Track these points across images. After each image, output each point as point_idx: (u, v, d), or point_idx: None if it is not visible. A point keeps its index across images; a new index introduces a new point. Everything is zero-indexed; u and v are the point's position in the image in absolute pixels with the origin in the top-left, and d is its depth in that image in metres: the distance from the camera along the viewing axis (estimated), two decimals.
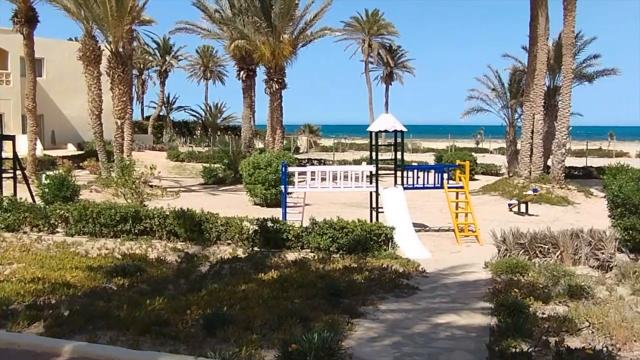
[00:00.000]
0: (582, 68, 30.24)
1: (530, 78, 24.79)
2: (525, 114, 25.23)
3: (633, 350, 6.22)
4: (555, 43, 28.87)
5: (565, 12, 23.35)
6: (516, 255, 11.05)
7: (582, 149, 45.95)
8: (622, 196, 12.16)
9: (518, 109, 30.25)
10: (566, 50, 23.61)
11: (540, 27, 24.09)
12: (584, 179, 28.11)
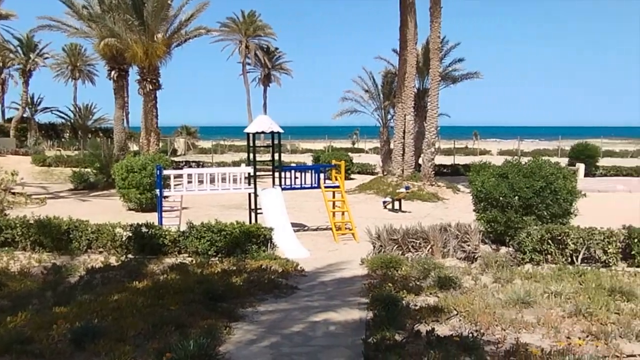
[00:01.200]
0: (448, 71, 32.03)
1: (401, 80, 25.88)
2: (397, 115, 26.29)
3: (495, 334, 6.65)
4: (424, 47, 30.35)
5: (432, 18, 24.68)
6: (390, 250, 11.49)
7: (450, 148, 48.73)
8: (484, 191, 13.02)
9: (391, 110, 31.42)
10: (433, 54, 24.95)
11: (409, 32, 25.22)
12: (452, 176, 29.84)
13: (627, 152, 47.46)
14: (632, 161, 39.49)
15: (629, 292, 8.19)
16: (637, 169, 32.33)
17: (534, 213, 12.51)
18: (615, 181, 28.41)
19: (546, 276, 9.49)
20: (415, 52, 26.12)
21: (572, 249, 10.80)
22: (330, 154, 35.14)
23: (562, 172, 13.32)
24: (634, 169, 32.19)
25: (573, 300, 7.93)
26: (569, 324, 6.97)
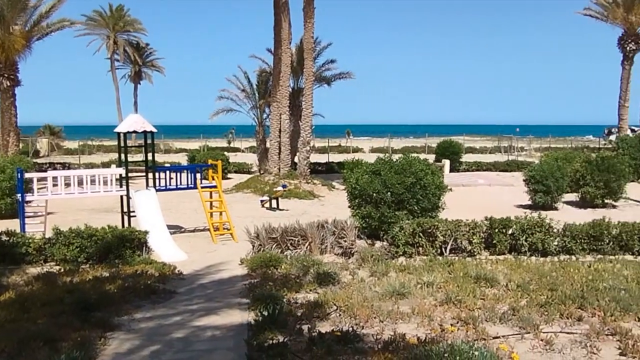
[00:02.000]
0: (322, 71, 32.61)
1: (276, 80, 25.99)
2: (273, 114, 26.37)
3: (374, 326, 6.89)
4: (298, 47, 30.67)
5: (306, 18, 25.02)
6: (270, 249, 11.50)
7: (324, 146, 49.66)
8: (358, 188, 13.42)
9: (266, 109, 31.40)
10: (307, 54, 25.31)
11: (284, 31, 25.36)
12: (327, 174, 30.46)
13: (486, 149, 50.95)
14: (490, 157, 42.49)
15: (492, 279, 8.83)
16: (495, 164, 34.84)
17: (406, 208, 13.09)
18: (477, 176, 30.45)
19: (419, 268, 9.97)
20: (289, 51, 26.34)
21: (441, 240, 11.43)
22: (206, 153, 34.51)
23: (431, 168, 14.06)
24: (492, 164, 34.66)
25: (444, 289, 8.40)
26: (441, 312, 7.38)
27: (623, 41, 38.03)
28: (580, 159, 21.22)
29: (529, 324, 6.65)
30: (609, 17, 38.73)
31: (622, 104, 38.15)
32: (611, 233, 11.62)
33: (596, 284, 8.43)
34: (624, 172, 19.63)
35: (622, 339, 6.10)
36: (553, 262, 10.63)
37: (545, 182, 18.60)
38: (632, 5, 36.98)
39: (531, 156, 42.06)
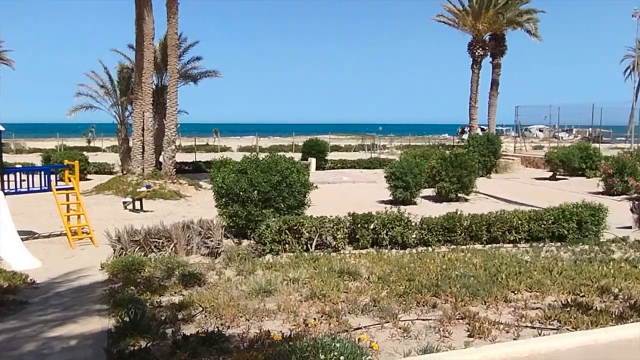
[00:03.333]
0: (187, 69, 31.93)
1: (139, 76, 25.06)
2: (136, 112, 25.41)
3: (240, 325, 6.87)
4: (162, 44, 29.78)
5: (169, 14, 24.34)
6: (132, 252, 11.08)
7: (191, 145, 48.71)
8: (225, 187, 13.32)
9: (129, 106, 30.20)
10: (171, 51, 24.64)
11: (146, 26, 24.50)
12: (194, 173, 29.91)
13: (351, 147, 52.71)
14: (355, 155, 44.02)
15: (355, 272, 9.15)
16: (359, 161, 36.16)
17: (273, 206, 13.20)
18: (342, 173, 31.41)
19: (285, 264, 10.09)
20: (152, 47, 25.49)
21: (307, 237, 11.64)
22: (62, 153, 32.47)
23: (296, 166, 14.28)
24: (357, 162, 35.94)
25: (309, 284, 8.56)
26: (307, 307, 7.52)
27: (472, 47, 40.90)
28: (436, 156, 22.60)
29: (389, 314, 6.97)
30: (459, 24, 41.52)
31: (473, 105, 41.05)
32: (463, 225, 12.49)
33: (449, 273, 9.02)
34: (474, 168, 21.20)
35: (470, 322, 6.58)
36: (412, 253, 11.21)
37: (404, 178, 19.60)
38: (479, 14, 39.89)
39: (393, 154, 44.11)
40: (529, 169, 34.69)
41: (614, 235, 13.03)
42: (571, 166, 28.43)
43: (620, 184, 21.62)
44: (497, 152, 31.76)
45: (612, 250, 11.48)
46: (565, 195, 19.77)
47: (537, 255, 11.00)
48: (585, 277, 8.70)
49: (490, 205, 18.68)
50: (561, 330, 6.43)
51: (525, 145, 44.07)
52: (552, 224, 12.69)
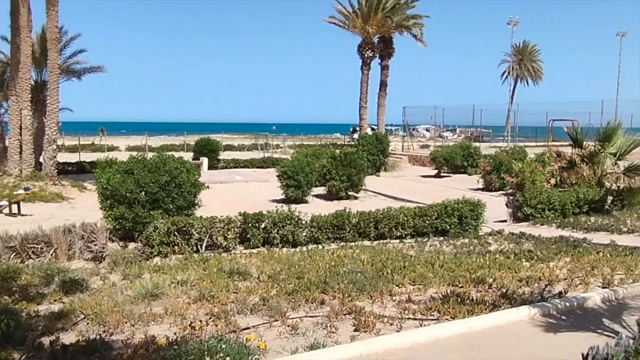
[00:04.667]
0: (69, 64, 30.37)
1: (15, 71, 23.49)
2: (12, 109, 23.78)
3: (124, 331, 6.63)
4: (40, 36, 28.12)
5: (49, 6, 23.01)
6: (7, 259, 10.39)
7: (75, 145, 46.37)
8: (110, 188, 12.82)
9: (4, 103, 28.24)
10: (51, 44, 23.33)
11: (22, 18, 23.01)
12: (78, 174, 28.48)
13: (244, 146, 52.41)
14: (248, 154, 43.83)
15: (245, 272, 9.12)
16: (252, 160, 36.06)
17: (161, 207, 12.88)
18: (235, 172, 31.18)
19: (174, 267, 9.87)
20: (29, 40, 23.99)
21: (196, 238, 11.46)
22: None
23: (186, 166, 14.01)
24: (250, 161, 35.82)
25: (198, 286, 8.43)
26: (195, 309, 7.39)
27: (362, 48, 42.03)
28: (326, 155, 23.00)
29: (278, 312, 7.01)
30: (349, 26, 42.50)
31: (363, 105, 42.18)
32: (352, 222, 12.81)
33: (338, 269, 9.22)
34: (364, 167, 21.80)
35: (356, 317, 6.76)
36: (302, 251, 11.34)
37: (296, 177, 19.78)
38: (369, 17, 41.06)
39: (286, 153, 44.34)
40: (416, 167, 36.15)
41: (491, 229, 13.89)
42: (454, 164, 29.96)
43: (498, 181, 23.07)
44: (385, 151, 32.83)
45: (489, 243, 12.22)
46: (448, 192, 20.79)
47: (421, 249, 11.51)
48: (464, 269, 9.21)
49: (379, 202, 19.28)
50: (441, 320, 6.76)
51: (413, 145, 45.89)
52: (435, 220, 13.31)
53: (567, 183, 17.83)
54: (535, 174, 19.43)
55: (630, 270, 9.14)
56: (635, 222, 14.36)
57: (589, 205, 15.77)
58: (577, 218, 14.99)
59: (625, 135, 17.66)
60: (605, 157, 17.20)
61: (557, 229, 13.96)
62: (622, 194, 16.52)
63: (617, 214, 15.44)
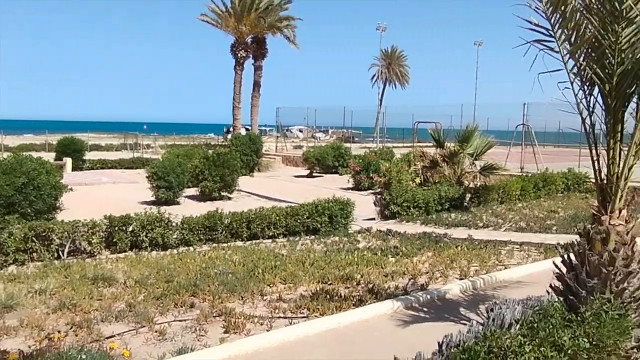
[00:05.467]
0: None
1: None
2: None
3: None
4: None
5: None
6: None
7: None
8: None
9: None
10: None
11: None
12: None
13: (112, 146, 50.07)
14: (116, 154, 41.94)
15: (111, 278, 8.74)
16: (121, 161, 34.56)
17: (18, 211, 12.01)
18: (102, 174, 29.69)
19: (32, 275, 9.23)
20: None
21: (58, 244, 10.79)
22: None
23: (46, 167, 13.17)
24: (118, 162, 34.29)
25: (58, 295, 7.95)
26: (55, 320, 6.97)
27: (235, 48, 41.81)
28: (199, 155, 22.59)
29: (145, 318, 6.80)
30: (223, 25, 42.10)
31: (237, 105, 41.98)
32: (224, 223, 12.69)
33: (209, 271, 9.11)
34: (237, 167, 21.67)
35: (227, 319, 6.73)
36: (173, 255, 11.07)
37: (167, 178, 19.25)
38: (242, 16, 40.92)
39: (157, 153, 42.98)
40: (290, 167, 36.53)
41: (360, 227, 14.37)
42: (326, 164, 30.63)
43: (367, 180, 23.89)
44: (259, 152, 32.85)
45: (359, 241, 12.65)
46: (320, 192, 21.21)
47: (293, 249, 11.66)
48: (334, 267, 9.47)
49: (253, 202, 19.25)
50: (310, 317, 6.90)
51: (287, 145, 46.34)
52: (307, 219, 13.52)
53: (431, 182, 18.88)
54: (402, 174, 20.34)
55: (484, 263, 9.88)
56: (490, 217, 15.52)
57: (450, 203, 16.78)
58: (440, 215, 15.91)
59: (481, 137, 19.07)
60: (464, 158, 18.46)
61: (422, 226, 14.73)
62: (479, 192, 17.78)
63: (474, 211, 16.58)
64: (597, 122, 5.31)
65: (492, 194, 17.92)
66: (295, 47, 43.42)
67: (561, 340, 4.22)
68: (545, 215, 15.86)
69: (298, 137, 61.19)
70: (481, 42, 69.63)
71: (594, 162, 5.24)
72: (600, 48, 5.11)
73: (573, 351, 4.22)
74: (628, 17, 4.91)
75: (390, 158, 26.85)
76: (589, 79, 5.32)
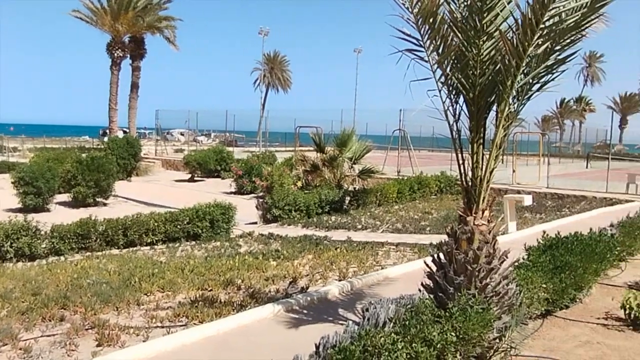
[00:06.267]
0: None
1: None
2: None
3: None
4: None
5: None
6: None
7: None
8: None
9: None
10: None
11: None
12: None
13: None
14: None
15: None
16: None
17: None
18: None
19: None
20: None
21: None
22: None
23: None
24: None
25: None
26: None
27: (111, 47, 40.03)
28: (71, 159, 21.41)
29: (7, 335, 6.31)
30: (98, 23, 40.17)
31: (113, 107, 40.20)
32: (98, 230, 12.12)
33: (81, 282, 8.65)
34: (113, 171, 20.80)
35: (99, 331, 6.41)
36: (41, 265, 10.42)
37: (35, 183, 18.08)
38: (119, 14, 39.28)
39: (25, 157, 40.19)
40: (170, 171, 35.61)
41: (242, 231, 14.29)
42: (208, 168, 30.19)
43: (249, 184, 23.82)
44: (137, 155, 31.70)
45: (240, 245, 12.57)
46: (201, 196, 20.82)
47: (172, 255, 11.37)
48: (214, 272, 9.33)
49: (130, 208, 18.54)
50: (189, 325, 6.74)
51: (167, 149, 45.15)
52: (187, 224, 13.25)
53: (312, 185, 19.17)
54: (284, 177, 20.49)
55: (362, 263, 10.17)
56: (368, 219, 16.03)
57: (330, 206, 17.13)
58: (320, 217, 16.20)
59: (360, 141, 19.66)
60: (343, 161, 18.93)
61: (303, 229, 14.91)
62: (358, 195, 18.31)
63: (353, 213, 17.05)
64: (463, 128, 5.64)
65: (370, 196, 18.52)
66: (175, 47, 42.44)
67: (431, 335, 4.43)
68: (420, 217, 16.63)
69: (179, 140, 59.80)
70: (360, 49, 72.06)
71: (459, 166, 5.56)
72: (465, 59, 5.43)
73: (442, 345, 4.45)
74: (488, 32, 5.27)
75: (273, 162, 27.01)
76: (454, 88, 5.64)
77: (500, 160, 5.72)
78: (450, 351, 4.53)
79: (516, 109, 5.51)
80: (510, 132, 5.85)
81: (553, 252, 7.51)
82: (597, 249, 7.95)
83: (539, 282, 6.43)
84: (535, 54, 5.21)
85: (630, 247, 9.94)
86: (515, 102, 5.47)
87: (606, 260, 8.27)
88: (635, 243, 10.15)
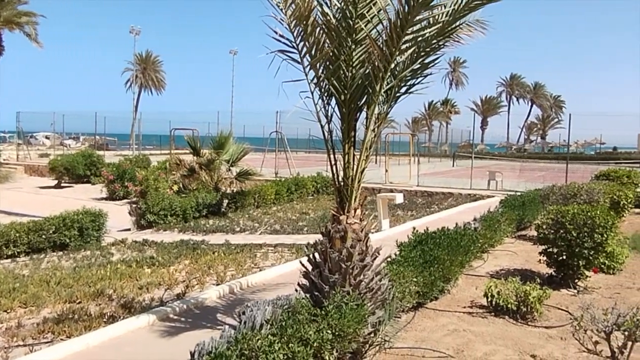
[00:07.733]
0: None
1: None
2: None
3: None
4: None
5: None
6: None
7: None
8: None
9: None
10: None
11: None
12: None
13: None
14: None
15: None
16: None
17: None
18: None
19: None
20: None
21: None
22: None
23: None
24: None
25: None
26: None
27: None
28: None
29: None
30: None
31: None
32: None
33: None
34: None
35: None
36: None
37: None
38: None
39: None
40: (34, 177, 33.29)
41: (114, 239, 13.64)
42: (76, 173, 28.52)
43: (122, 189, 22.82)
44: None
45: (112, 253, 11.98)
46: (70, 203, 19.65)
47: (37, 267, 10.62)
48: (83, 283, 8.83)
49: None
50: (55, 342, 6.32)
51: (30, 153, 42.17)
52: (53, 234, 12.42)
53: (189, 189, 18.73)
54: (159, 182, 19.86)
55: (240, 266, 10.09)
56: (246, 222, 15.94)
57: (208, 209, 16.83)
58: (197, 221, 15.87)
59: (237, 143, 19.52)
60: (220, 164, 18.69)
61: (179, 234, 14.53)
62: (236, 197, 18.15)
63: (232, 216, 16.88)
64: (335, 129, 5.75)
65: (248, 198, 18.43)
66: (38, 45, 39.67)
67: (307, 334, 4.47)
68: (298, 217, 16.81)
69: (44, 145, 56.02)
70: (236, 51, 71.38)
71: (332, 166, 5.67)
72: (337, 62, 5.54)
73: (318, 343, 4.50)
74: (359, 37, 5.42)
75: (147, 165, 26.08)
76: (327, 90, 5.74)
77: (370, 160, 5.90)
78: (327, 349, 4.60)
79: (385, 110, 5.71)
80: (381, 133, 6.06)
81: (423, 247, 7.87)
82: (462, 242, 8.46)
83: (410, 276, 6.71)
84: (403, 59, 5.44)
85: (491, 240, 10.69)
86: (384, 104, 5.67)
87: (470, 253, 8.84)
88: (495, 235, 10.93)
